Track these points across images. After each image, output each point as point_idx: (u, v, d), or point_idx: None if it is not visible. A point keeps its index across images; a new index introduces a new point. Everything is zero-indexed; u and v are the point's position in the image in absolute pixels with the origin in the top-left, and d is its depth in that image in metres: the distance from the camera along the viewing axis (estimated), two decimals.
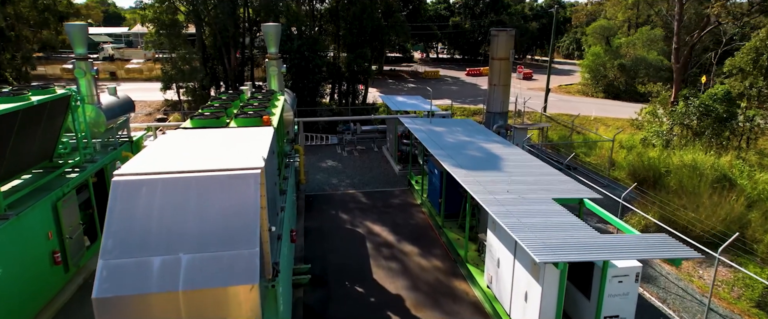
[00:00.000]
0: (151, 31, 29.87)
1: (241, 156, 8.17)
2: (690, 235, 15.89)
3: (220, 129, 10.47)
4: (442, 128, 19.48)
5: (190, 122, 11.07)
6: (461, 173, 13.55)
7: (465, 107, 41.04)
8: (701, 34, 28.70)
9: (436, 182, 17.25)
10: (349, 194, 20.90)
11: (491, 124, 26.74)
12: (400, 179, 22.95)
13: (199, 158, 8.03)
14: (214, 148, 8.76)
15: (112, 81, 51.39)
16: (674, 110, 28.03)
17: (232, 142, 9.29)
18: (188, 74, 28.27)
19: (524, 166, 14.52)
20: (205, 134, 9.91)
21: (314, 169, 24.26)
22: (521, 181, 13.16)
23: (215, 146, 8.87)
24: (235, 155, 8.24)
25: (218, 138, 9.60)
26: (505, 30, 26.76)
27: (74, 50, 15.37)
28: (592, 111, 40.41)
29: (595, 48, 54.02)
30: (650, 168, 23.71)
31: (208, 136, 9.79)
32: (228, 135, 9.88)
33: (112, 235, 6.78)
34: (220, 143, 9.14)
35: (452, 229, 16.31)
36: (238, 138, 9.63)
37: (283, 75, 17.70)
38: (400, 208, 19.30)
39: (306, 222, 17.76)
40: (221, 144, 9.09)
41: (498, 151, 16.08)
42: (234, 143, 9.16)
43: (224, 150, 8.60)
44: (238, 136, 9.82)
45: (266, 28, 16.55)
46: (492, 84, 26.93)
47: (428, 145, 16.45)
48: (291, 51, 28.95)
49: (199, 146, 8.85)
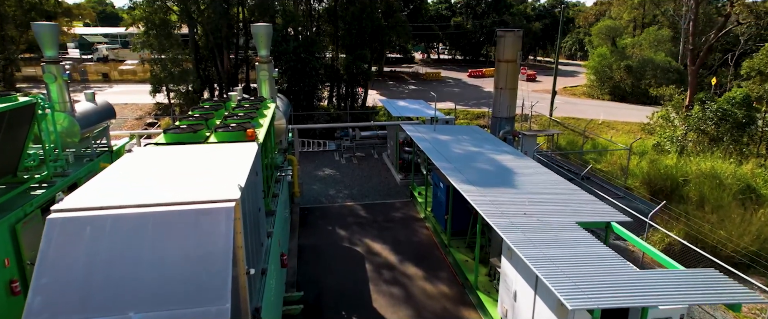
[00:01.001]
0: (140, 31, 28.47)
1: (213, 184, 6.78)
2: (720, 256, 14.50)
3: (196, 146, 9.09)
4: (447, 137, 18.09)
5: (164, 137, 9.68)
6: (471, 191, 12.15)
7: (468, 110, 39.64)
8: (718, 34, 27.35)
9: (441, 196, 15.85)
10: (347, 206, 19.50)
11: (497, 129, 25.33)
12: (401, 189, 21.55)
13: (161, 187, 6.64)
14: (183, 172, 7.37)
15: (105, 83, 49.99)
16: (689, 115, 26.64)
17: (206, 163, 7.90)
18: (178, 77, 26.83)
19: (540, 181, 13.11)
20: (177, 152, 8.53)
21: (310, 178, 22.86)
22: (538, 200, 11.77)
23: (185, 169, 7.48)
24: (206, 183, 6.85)
25: (192, 157, 8.22)
26: (512, 30, 25.37)
27: (44, 52, 13.96)
28: (599, 115, 39.02)
29: (601, 49, 52.61)
30: (667, 177, 22.32)
31: (180, 154, 8.40)
32: (204, 153, 8.49)
33: (41, 290, 5.38)
34: (193, 165, 7.75)
35: (460, 249, 14.90)
36: (215, 157, 8.24)
37: (275, 79, 16.30)
38: (402, 222, 17.89)
39: (300, 239, 16.36)
40: (193, 166, 7.70)
41: (509, 164, 14.68)
42: (209, 165, 7.77)
43: (195, 175, 7.21)
44: (215, 154, 8.43)
45: (256, 28, 15.15)
46: (498, 87, 25.51)
47: (433, 157, 15.05)
48: (286, 53, 27.54)
49: (165, 169, 7.46)
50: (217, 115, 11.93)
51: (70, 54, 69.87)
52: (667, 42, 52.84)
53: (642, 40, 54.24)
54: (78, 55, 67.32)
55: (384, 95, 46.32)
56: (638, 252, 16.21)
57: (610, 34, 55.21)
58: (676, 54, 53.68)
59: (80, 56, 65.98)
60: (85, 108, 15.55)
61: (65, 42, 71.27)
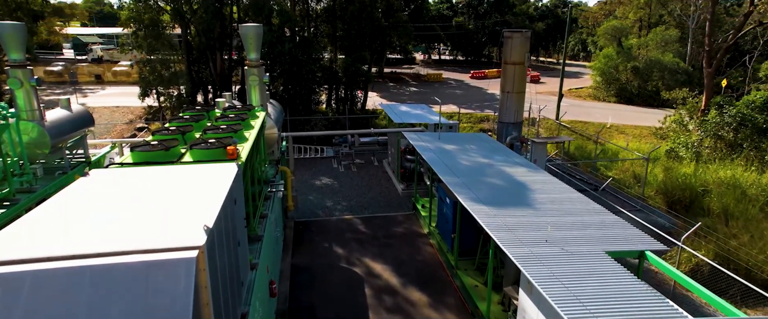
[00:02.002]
0: (130, 31, 27.14)
1: (175, 224, 5.45)
2: (755, 280, 13.20)
3: (165, 167, 7.76)
4: (452, 146, 16.76)
5: (130, 156, 8.37)
6: (483, 212, 10.82)
7: (471, 114, 38.31)
8: (737, 35, 26.05)
9: (447, 212, 14.52)
10: (345, 220, 18.17)
11: (504, 135, 23.98)
12: (403, 200, 20.22)
13: (108, 228, 5.32)
14: (142, 204, 6.04)
15: (98, 84, 48.66)
16: (705, 120, 25.30)
17: (174, 191, 6.58)
18: (167, 80, 25.48)
19: (559, 200, 11.79)
20: (141, 176, 7.21)
21: (306, 188, 21.53)
22: (559, 222, 10.45)
23: (146, 201, 6.16)
24: (167, 221, 5.52)
25: (157, 184, 6.90)
26: (520, 31, 24.04)
27: (8, 56, 12.62)
28: (607, 118, 37.70)
29: (607, 49, 51.27)
30: (685, 186, 20.98)
31: (144, 179, 7.08)
32: (173, 178, 7.17)
33: None
34: (156, 194, 6.43)
35: (468, 271, 13.56)
36: (185, 183, 6.92)
37: (266, 84, 14.98)
38: (404, 239, 16.56)
39: (293, 258, 15.03)
40: (157, 196, 6.38)
41: (523, 178, 13.36)
42: (176, 194, 6.45)
43: (156, 209, 5.89)
44: (187, 179, 7.11)
45: (245, 29, 13.83)
46: (505, 91, 24.14)
47: (439, 170, 13.72)
48: (282, 54, 26.20)
49: (121, 201, 6.14)
50: (197, 127, 10.61)
51: (65, 55, 68.58)
52: (674, 42, 51.49)
53: (649, 41, 52.92)
54: (73, 55, 66.04)
55: (384, 97, 45.03)
56: (660, 274, 14.93)
57: (616, 34, 53.87)
58: (683, 55, 52.33)
59: (74, 57, 64.69)
60: (57, 116, 14.21)
61: (60, 42, 70.07)
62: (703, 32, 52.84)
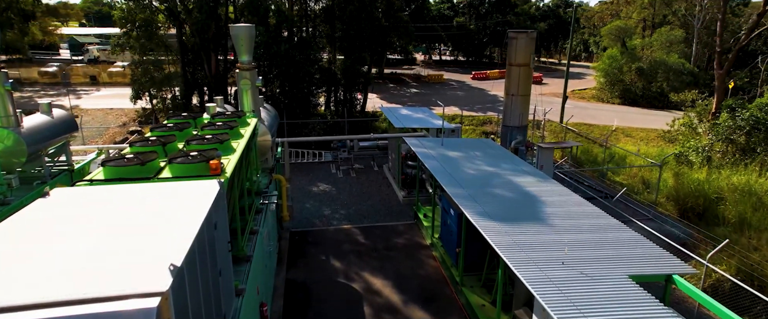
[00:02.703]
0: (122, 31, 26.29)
1: (135, 262, 4.60)
2: None
3: (138, 185, 6.91)
4: (456, 153, 15.90)
5: (102, 171, 7.52)
6: (492, 229, 9.97)
7: (474, 116, 37.45)
8: (750, 35, 25.23)
9: (451, 225, 13.68)
10: (343, 230, 17.32)
11: (508, 140, 23.15)
12: (404, 208, 19.38)
13: (59, 266, 4.47)
14: (103, 234, 5.20)
15: (93, 86, 47.80)
16: (717, 123, 24.45)
17: (143, 216, 5.74)
18: (160, 81, 24.61)
19: (573, 214, 10.93)
20: (109, 196, 6.36)
21: (303, 195, 20.69)
22: (575, 240, 9.60)
23: (108, 230, 5.31)
24: (127, 258, 4.67)
25: (126, 206, 6.05)
26: (525, 32, 23.21)
27: None
28: (613, 120, 36.85)
29: (611, 50, 50.40)
30: (698, 193, 20.11)
31: (112, 200, 6.24)
32: (145, 198, 6.33)
33: None
34: (122, 220, 5.59)
35: (474, 288, 12.71)
36: (158, 206, 6.08)
37: (260, 88, 14.13)
38: (405, 251, 15.71)
39: (288, 273, 14.18)
40: (123, 222, 5.54)
41: (533, 189, 12.50)
42: (145, 220, 5.61)
43: (117, 241, 5.04)
44: (160, 201, 6.27)
45: (235, 30, 12.98)
46: (509, 94, 23.32)
47: (443, 180, 12.87)
48: (278, 55, 25.33)
49: (80, 229, 5.30)
50: (181, 137, 9.75)
51: (62, 55, 67.76)
52: (679, 43, 50.62)
53: (653, 42, 52.06)
54: (69, 56, 65.20)
55: (384, 99, 44.19)
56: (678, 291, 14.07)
57: (619, 34, 52.99)
58: (688, 55, 51.45)
59: (71, 57, 63.86)
60: (36, 122, 13.36)
61: (57, 43, 69.28)
62: (708, 33, 52.20)
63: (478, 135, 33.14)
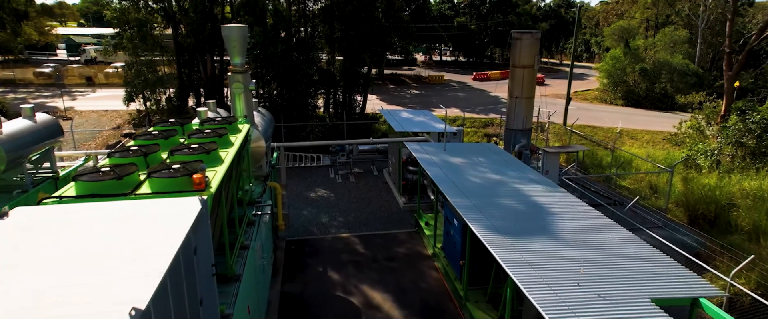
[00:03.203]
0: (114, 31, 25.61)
1: (95, 304, 3.93)
2: None
3: (111, 204, 6.23)
4: (459, 159, 15.21)
5: (74, 186, 6.84)
6: (499, 244, 9.30)
7: (475, 118, 36.77)
8: (761, 36, 24.53)
9: (455, 236, 13.00)
10: (341, 239, 16.64)
11: (512, 143, 22.48)
12: (405, 215, 18.70)
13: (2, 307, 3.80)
14: (65, 264, 4.52)
15: (88, 87, 47.11)
16: (726, 126, 23.76)
17: (112, 241, 5.06)
18: (153, 83, 23.92)
19: (587, 227, 10.25)
20: (75, 218, 5.68)
21: (300, 201, 20.01)
22: (590, 256, 8.92)
23: (71, 258, 4.64)
24: (87, 298, 4.00)
25: (94, 229, 5.37)
26: (530, 32, 22.59)
27: None
28: (617, 122, 36.15)
29: (615, 51, 49.71)
30: (710, 199, 19.44)
31: (79, 222, 5.56)
32: (117, 219, 5.65)
33: None
34: (89, 247, 4.92)
35: (479, 304, 12.02)
36: (130, 228, 5.40)
37: (253, 91, 13.45)
38: (407, 261, 15.03)
39: (283, 286, 13.51)
40: (89, 249, 4.86)
41: (542, 199, 11.82)
42: (114, 246, 4.94)
43: (80, 274, 4.36)
44: (133, 222, 5.59)
45: (227, 31, 12.31)
46: (513, 96, 22.67)
47: (446, 190, 12.18)
48: (275, 56, 24.64)
49: (37, 258, 4.62)
50: (166, 146, 9.07)
51: (59, 55, 67.07)
52: (683, 43, 49.95)
53: (656, 42, 51.40)
54: (66, 56, 64.53)
55: (384, 100, 43.51)
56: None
57: (623, 35, 52.32)
58: (693, 56, 50.78)
59: (68, 58, 63.18)
60: (17, 127, 12.65)
61: (54, 43, 68.59)
62: (712, 33, 51.53)
63: (480, 137, 32.46)
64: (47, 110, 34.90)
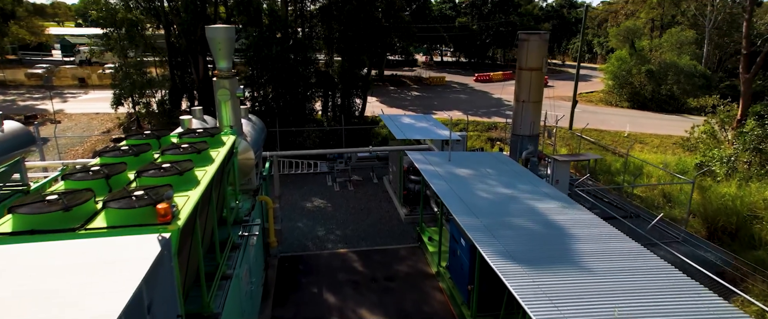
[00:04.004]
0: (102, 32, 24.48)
1: None
2: None
3: (52, 244, 5.12)
4: (466, 170, 14.10)
5: (10, 220, 5.70)
6: (515, 274, 8.19)
7: (478, 121, 35.62)
8: None
9: (462, 256, 11.89)
10: (338, 255, 15.52)
11: (518, 150, 21.37)
12: (406, 228, 17.58)
13: None
14: None
15: (81, 88, 45.98)
16: (743, 131, 22.66)
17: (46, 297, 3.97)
18: (141, 86, 22.78)
19: (610, 251, 9.12)
20: (4, 266, 4.57)
21: (296, 212, 18.89)
22: (619, 289, 7.81)
23: None
24: None
25: (23, 282, 4.27)
26: (538, 33, 21.48)
27: None
28: (624, 126, 35.04)
29: (620, 52, 48.58)
30: (730, 211, 18.31)
31: (6, 272, 4.45)
32: (56, 267, 4.55)
33: None
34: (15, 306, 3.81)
35: None
36: (70, 280, 4.30)
37: (240, 99, 12.33)
38: (408, 281, 13.92)
39: (274, 310, 12.39)
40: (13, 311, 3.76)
41: (558, 218, 10.70)
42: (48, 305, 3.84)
43: None
44: (76, 270, 4.49)
45: (212, 32, 11.19)
46: (520, 100, 21.55)
47: (453, 206, 11.07)
48: (269, 58, 23.51)
49: None
50: (135, 164, 7.93)
51: (53, 56, 65.95)
52: (690, 44, 48.81)
53: (663, 43, 50.27)
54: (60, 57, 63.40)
55: (384, 103, 42.36)
56: None
57: (628, 36, 51.19)
58: (699, 57, 49.64)
59: (62, 58, 62.05)
60: None
61: (49, 43, 67.49)
62: (719, 33, 50.42)
63: (483, 141, 31.35)
64: (36, 113, 33.80)
